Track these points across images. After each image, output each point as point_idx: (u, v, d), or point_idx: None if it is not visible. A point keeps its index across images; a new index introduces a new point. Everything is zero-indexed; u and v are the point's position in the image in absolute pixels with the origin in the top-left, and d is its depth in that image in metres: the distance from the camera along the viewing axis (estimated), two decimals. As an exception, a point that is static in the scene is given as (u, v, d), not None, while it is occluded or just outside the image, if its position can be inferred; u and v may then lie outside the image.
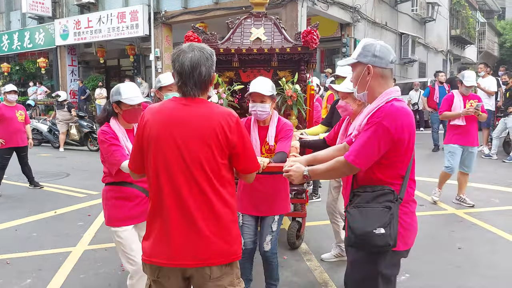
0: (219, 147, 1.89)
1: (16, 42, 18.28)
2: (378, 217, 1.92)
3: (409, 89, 14.85)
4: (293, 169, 2.21)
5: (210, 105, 1.95)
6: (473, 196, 6.23)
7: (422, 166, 8.59)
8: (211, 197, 1.89)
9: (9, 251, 4.42)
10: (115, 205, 2.86)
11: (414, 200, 2.09)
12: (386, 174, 2.00)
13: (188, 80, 1.90)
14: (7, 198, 6.71)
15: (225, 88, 4.01)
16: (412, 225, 2.06)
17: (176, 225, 1.88)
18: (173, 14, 14.00)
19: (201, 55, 1.91)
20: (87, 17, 15.66)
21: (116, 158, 2.73)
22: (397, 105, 1.96)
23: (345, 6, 13.66)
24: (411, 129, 1.98)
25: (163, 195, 1.91)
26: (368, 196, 2.00)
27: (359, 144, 1.97)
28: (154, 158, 1.91)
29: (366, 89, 2.07)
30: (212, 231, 1.89)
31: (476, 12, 28.64)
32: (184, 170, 1.87)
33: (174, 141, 1.88)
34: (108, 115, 2.89)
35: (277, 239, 3.23)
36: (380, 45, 2.04)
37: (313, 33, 3.96)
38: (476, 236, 4.70)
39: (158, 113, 1.93)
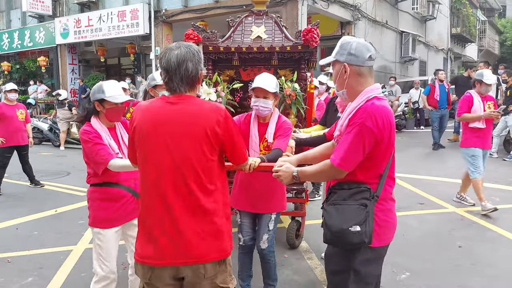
0: (208, 143, 1.89)
1: (17, 40, 18.27)
2: (354, 215, 1.93)
3: (409, 87, 14.85)
4: (283, 169, 2.19)
5: (198, 101, 1.96)
6: (473, 194, 6.22)
7: (422, 164, 8.62)
8: (201, 195, 1.90)
9: (10, 250, 4.43)
10: (100, 206, 2.80)
11: (392, 198, 2.09)
12: (366, 175, 2.01)
13: (174, 76, 1.91)
14: (8, 197, 6.72)
15: (223, 87, 4.01)
16: (388, 222, 2.06)
17: (166, 224, 1.89)
18: (173, 12, 13.99)
19: (187, 51, 1.93)
20: (87, 16, 15.64)
21: (103, 157, 2.66)
22: (377, 104, 1.95)
23: (345, 5, 13.64)
24: (391, 127, 1.98)
25: (152, 194, 1.92)
26: (344, 194, 2.02)
27: (344, 147, 1.96)
28: (144, 157, 1.94)
29: (345, 87, 2.07)
30: (202, 229, 1.90)
31: (476, 10, 28.60)
32: (173, 168, 1.89)
33: (163, 140, 1.89)
34: (89, 114, 2.82)
35: (275, 238, 3.24)
36: (357, 43, 2.03)
37: (313, 31, 3.96)
38: (476, 234, 4.70)
39: (146, 112, 1.95)
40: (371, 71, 2.08)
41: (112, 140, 2.78)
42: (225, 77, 4.31)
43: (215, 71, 4.28)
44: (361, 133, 1.92)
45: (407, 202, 5.89)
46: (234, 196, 3.19)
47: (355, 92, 2.05)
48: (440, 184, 6.95)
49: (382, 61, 16.75)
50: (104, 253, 2.79)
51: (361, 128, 1.92)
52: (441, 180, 7.20)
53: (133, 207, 2.83)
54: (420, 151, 10.17)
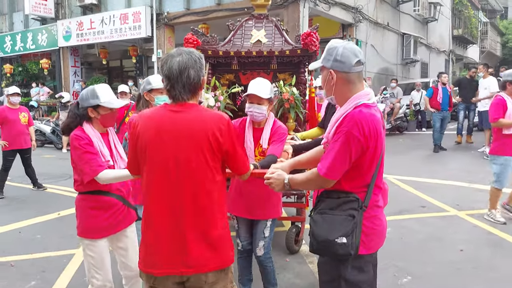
0: (210, 151, 1.90)
1: (19, 43, 18.34)
2: (341, 226, 1.91)
3: (411, 89, 14.84)
4: (274, 177, 2.16)
5: (201, 110, 1.96)
6: (475, 197, 6.24)
7: (424, 167, 8.61)
8: (203, 204, 1.92)
9: (13, 253, 4.45)
10: (90, 216, 2.68)
11: (378, 205, 2.06)
12: (352, 184, 1.99)
13: (176, 84, 1.91)
14: (11, 200, 6.75)
15: (222, 91, 4.02)
16: (374, 229, 2.02)
17: (168, 234, 1.91)
18: (175, 15, 14.03)
19: (189, 58, 1.92)
20: (89, 18, 15.70)
21: (92, 168, 2.54)
22: (365, 112, 1.91)
23: (347, 7, 13.66)
24: (378, 135, 1.93)
25: (155, 202, 1.94)
26: (332, 203, 1.99)
27: (331, 156, 1.93)
28: (147, 166, 1.94)
29: (333, 93, 2.04)
30: (204, 238, 1.92)
31: (478, 11, 28.57)
32: (176, 177, 1.90)
33: (166, 149, 1.90)
34: (80, 121, 2.68)
35: (276, 241, 3.24)
36: (343, 48, 1.97)
37: (312, 35, 3.94)
38: (478, 238, 4.71)
39: (149, 121, 1.94)
40: (360, 76, 2.02)
41: (105, 147, 2.69)
42: (224, 81, 4.33)
43: (215, 75, 4.29)
44: (347, 142, 1.89)
45: (409, 205, 5.89)
46: (230, 202, 3.16)
47: (343, 98, 2.01)
48: (441, 187, 6.95)
49: (384, 63, 16.76)
50: (97, 263, 2.71)
51: (347, 137, 1.89)
52: (442, 183, 7.20)
53: (123, 216, 2.78)
54: (421, 153, 10.17)
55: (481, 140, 10.29)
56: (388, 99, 13.28)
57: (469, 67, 14.26)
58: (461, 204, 5.89)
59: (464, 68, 27.90)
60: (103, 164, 2.59)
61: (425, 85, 15.20)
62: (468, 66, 28.50)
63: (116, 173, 2.59)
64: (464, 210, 5.66)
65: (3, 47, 19.02)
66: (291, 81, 4.07)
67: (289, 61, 4.17)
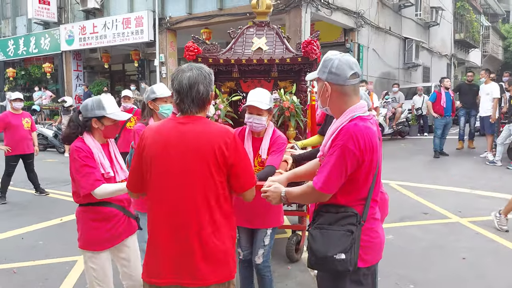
0: (216, 165, 1.92)
1: (22, 47, 18.41)
2: (340, 242, 1.91)
3: (413, 93, 14.85)
4: (271, 190, 2.15)
5: (208, 123, 1.99)
6: (477, 204, 6.23)
7: (425, 172, 8.61)
8: (208, 217, 1.93)
9: (15, 260, 4.47)
10: (91, 228, 2.65)
11: (375, 218, 2.06)
12: (348, 198, 1.98)
13: (185, 98, 1.95)
14: (13, 205, 6.77)
15: (222, 99, 4.04)
16: (371, 242, 2.02)
17: (173, 246, 1.93)
18: (177, 19, 14.07)
19: (199, 74, 1.97)
20: (92, 23, 15.75)
21: (89, 182, 2.51)
22: (360, 125, 1.91)
23: (348, 12, 13.69)
24: (374, 149, 1.93)
25: (161, 214, 1.96)
26: (331, 218, 1.98)
27: (326, 170, 1.92)
28: (153, 178, 1.96)
29: (328, 105, 2.04)
30: (208, 251, 1.93)
31: (480, 15, 28.59)
32: (181, 190, 1.92)
33: (173, 162, 1.92)
34: (82, 130, 2.65)
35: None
36: (338, 60, 1.96)
37: (313, 43, 3.94)
38: (480, 246, 4.70)
39: (157, 134, 1.97)
40: (356, 89, 2.02)
41: (105, 158, 2.66)
42: (225, 88, 4.33)
43: (215, 83, 4.29)
44: (343, 156, 1.88)
45: (410, 212, 5.89)
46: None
47: (338, 110, 2.01)
48: (443, 193, 6.95)
49: (386, 68, 16.78)
50: (100, 276, 2.70)
51: (343, 150, 1.88)
52: (444, 189, 7.19)
53: (125, 227, 2.77)
54: (423, 158, 10.17)
55: (483, 146, 10.28)
56: (390, 104, 13.29)
57: (466, 71, 14.27)
58: (463, 211, 5.88)
59: (466, 72, 27.88)
60: (101, 178, 2.56)
61: (426, 90, 15.20)
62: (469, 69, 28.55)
63: (114, 187, 2.58)
64: (466, 217, 5.65)
65: (6, 51, 19.10)
66: (291, 89, 4.07)
67: (290, 69, 4.17)
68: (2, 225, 5.68)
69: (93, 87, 17.22)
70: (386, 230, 4.94)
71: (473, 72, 11.85)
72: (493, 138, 9.59)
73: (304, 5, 11.71)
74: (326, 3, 12.48)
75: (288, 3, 11.78)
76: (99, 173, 2.57)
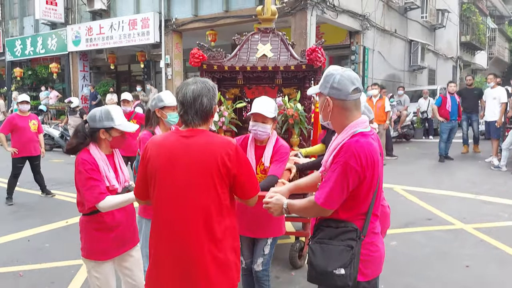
0: (219, 176, 1.96)
1: (29, 47, 18.55)
2: (340, 257, 1.93)
3: (418, 96, 14.83)
4: (273, 201, 2.15)
5: (210, 136, 2.03)
6: (481, 210, 6.22)
7: (430, 177, 8.60)
8: (210, 229, 1.96)
9: (22, 263, 4.52)
10: (94, 238, 2.66)
11: (374, 232, 2.07)
12: (349, 214, 2.00)
13: (189, 109, 2.00)
14: (20, 207, 6.83)
15: (227, 106, 4.06)
16: (371, 256, 2.03)
17: (177, 256, 1.96)
18: (183, 21, 14.12)
19: (203, 87, 2.02)
20: (99, 24, 15.85)
21: (93, 195, 2.52)
22: (362, 141, 1.93)
23: (354, 14, 13.68)
24: (375, 165, 1.95)
25: (165, 227, 2.00)
26: (331, 232, 2.00)
27: (328, 186, 1.94)
28: (157, 191, 2.01)
29: (329, 119, 2.06)
30: (212, 262, 1.96)
31: (486, 18, 28.46)
32: (185, 203, 1.96)
33: (176, 175, 1.96)
34: (88, 141, 2.65)
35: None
36: (340, 76, 1.98)
37: (317, 51, 3.96)
38: (484, 253, 4.69)
39: (161, 147, 2.02)
40: (357, 104, 2.04)
41: (110, 170, 2.67)
42: (230, 95, 4.36)
43: (220, 90, 4.33)
44: (345, 172, 1.91)
45: (415, 218, 5.90)
46: None
47: (340, 125, 2.03)
48: (448, 198, 6.94)
49: (391, 70, 16.75)
50: (103, 285, 2.72)
51: (345, 167, 1.90)
52: (449, 194, 7.19)
53: (129, 237, 2.80)
54: (428, 162, 10.16)
55: (488, 150, 10.24)
56: (395, 107, 13.28)
57: (472, 74, 14.24)
58: (468, 217, 5.87)
59: (472, 74, 27.76)
60: (105, 191, 2.57)
61: (432, 92, 15.18)
62: (475, 72, 28.45)
63: (118, 199, 2.60)
64: (471, 223, 5.65)
65: (13, 51, 19.25)
66: (296, 96, 4.09)
67: (294, 76, 4.20)
68: (9, 227, 5.73)
69: (99, 88, 17.33)
70: (390, 236, 5.00)
71: (472, 76, 11.87)
72: (498, 143, 9.56)
73: (310, 8, 11.73)
74: (332, 5, 12.49)
75: (293, 5, 11.80)
76: (104, 186, 2.58)
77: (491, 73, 10.65)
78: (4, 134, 7.02)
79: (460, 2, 24.12)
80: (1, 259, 4.63)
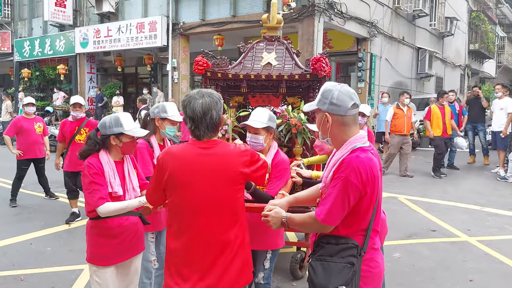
0: (239, 183, 2.11)
1: (37, 48, 18.68)
2: (341, 274, 1.90)
3: (425, 104, 14.70)
4: (272, 214, 2.13)
5: (226, 146, 2.13)
6: (486, 222, 6.15)
7: (435, 186, 8.53)
8: (230, 234, 2.09)
9: (23, 267, 4.52)
10: (98, 243, 2.71)
11: (374, 248, 2.05)
12: (349, 230, 1.98)
13: (200, 124, 2.06)
14: (23, 209, 6.85)
15: (229, 114, 4.05)
16: (370, 272, 2.01)
17: (199, 263, 2.05)
18: (191, 25, 14.16)
19: (211, 101, 2.08)
20: (107, 26, 15.93)
21: (93, 199, 2.58)
22: (362, 157, 1.92)
23: (362, 21, 13.65)
24: (375, 181, 1.93)
25: (187, 236, 2.08)
26: (332, 249, 1.98)
27: (329, 203, 1.93)
28: (179, 203, 2.09)
29: (328, 135, 2.05)
30: (231, 265, 2.09)
31: (496, 26, 28.31)
32: (211, 213, 2.06)
33: (201, 187, 2.04)
34: (99, 148, 2.72)
35: (282, 265, 3.22)
36: (338, 91, 1.97)
37: (322, 60, 3.94)
38: (488, 267, 4.63)
39: (182, 160, 2.08)
40: (356, 119, 2.05)
41: (117, 176, 2.70)
42: (234, 103, 4.34)
43: (224, 98, 4.30)
44: (345, 188, 1.89)
45: (419, 229, 5.84)
46: None
47: (339, 141, 2.03)
48: (453, 209, 6.87)
49: (398, 77, 16.69)
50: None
51: (345, 183, 1.89)
52: (454, 205, 7.12)
53: (132, 245, 2.79)
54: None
55: (495, 160, 10.16)
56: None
57: (472, 86, 14.16)
58: (472, 229, 5.81)
59: (480, 83, 27.61)
60: (106, 196, 2.61)
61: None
62: (483, 81, 28.28)
63: (117, 205, 2.62)
64: (475, 236, 5.59)
65: (21, 52, 19.39)
66: (300, 105, 4.07)
67: (299, 85, 4.18)
68: (12, 229, 5.75)
69: (106, 90, 17.42)
70: (393, 247, 4.96)
71: (479, 86, 11.84)
72: (505, 154, 9.47)
73: (317, 14, 11.72)
74: (339, 12, 12.47)
75: (301, 12, 11.79)
76: (106, 191, 2.62)
77: (499, 83, 10.55)
78: (9, 136, 7.04)
79: (469, 10, 24.02)
80: (3, 263, 4.64)
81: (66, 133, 6.17)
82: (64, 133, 6.18)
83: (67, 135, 6.16)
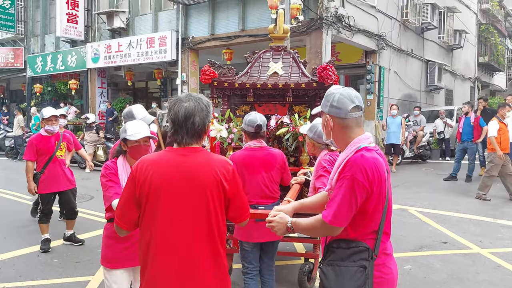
0: (217, 194, 1.94)
1: (49, 64, 18.99)
2: (353, 278, 1.87)
3: (435, 117, 14.64)
4: (276, 220, 2.10)
5: (207, 155, 2.00)
6: (498, 234, 6.03)
7: (446, 198, 8.40)
8: (209, 248, 1.94)
9: (30, 278, 4.51)
10: (105, 244, 2.87)
11: (386, 253, 2.01)
12: (359, 232, 1.95)
13: (179, 129, 1.94)
14: (31, 221, 6.82)
15: (236, 123, 4.05)
16: (383, 278, 1.97)
17: (179, 278, 1.91)
18: (200, 40, 14.30)
19: (196, 106, 1.94)
20: (117, 42, 16.16)
21: (108, 194, 2.78)
22: (367, 156, 1.91)
23: (370, 34, 13.68)
24: (382, 180, 1.91)
25: (164, 249, 1.92)
26: (343, 253, 1.94)
27: (336, 203, 1.90)
28: (152, 211, 1.92)
29: (332, 137, 2.06)
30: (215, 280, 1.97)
31: (505, 39, 28.19)
32: (186, 223, 1.91)
33: (178, 194, 1.91)
34: (118, 154, 2.97)
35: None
36: (340, 94, 1.99)
37: (328, 69, 3.94)
38: (501, 279, 4.52)
39: (159, 166, 1.93)
40: (359, 121, 2.03)
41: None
42: (240, 112, 4.35)
43: (230, 107, 4.33)
44: (352, 187, 1.87)
45: (430, 241, 5.74)
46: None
47: (343, 143, 2.04)
48: (464, 221, 6.76)
49: (407, 90, 16.63)
50: None
51: (351, 182, 1.87)
52: (465, 216, 7.00)
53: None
54: (444, 183, 9.96)
55: (507, 172, 9.98)
56: (411, 127, 13.12)
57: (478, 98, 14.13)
58: (484, 241, 5.70)
59: (490, 95, 27.40)
60: (120, 193, 2.61)
61: (449, 113, 14.99)
62: (494, 93, 28.06)
63: None
64: (487, 247, 5.47)
65: (34, 67, 19.71)
66: (306, 113, 4.06)
67: (305, 94, 4.18)
68: (20, 241, 5.77)
69: (116, 104, 17.57)
70: (404, 259, 4.89)
71: (484, 98, 11.86)
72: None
73: (325, 27, 11.76)
74: (348, 25, 12.51)
75: (309, 25, 11.85)
76: (120, 189, 2.77)
77: (511, 93, 10.48)
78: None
79: (478, 23, 23.97)
80: (10, 274, 4.64)
81: (43, 149, 5.33)
82: (40, 150, 5.31)
83: (44, 152, 5.33)
